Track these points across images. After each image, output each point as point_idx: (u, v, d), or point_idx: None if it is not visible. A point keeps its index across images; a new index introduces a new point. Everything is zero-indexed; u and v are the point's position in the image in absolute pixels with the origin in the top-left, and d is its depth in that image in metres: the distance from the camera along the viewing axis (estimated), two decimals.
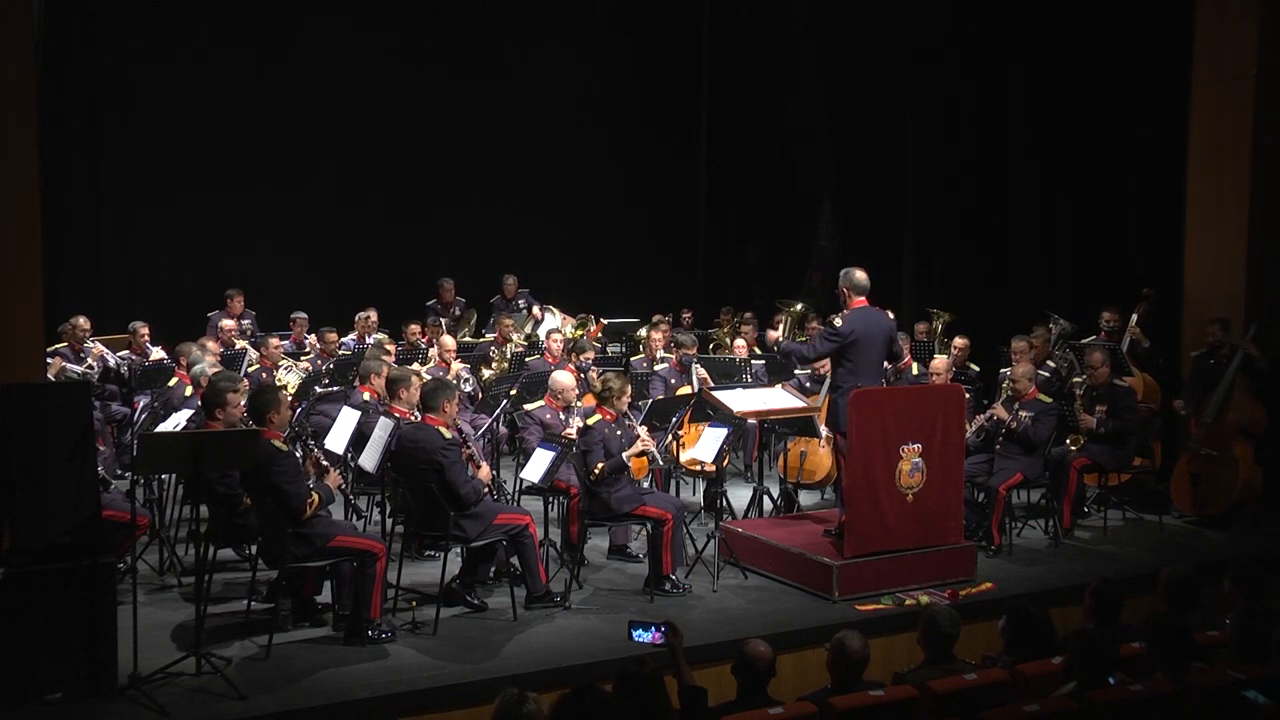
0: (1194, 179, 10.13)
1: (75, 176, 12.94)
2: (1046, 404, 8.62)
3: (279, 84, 13.74)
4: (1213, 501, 9.19)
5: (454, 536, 6.79)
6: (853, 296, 7.59)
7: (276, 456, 6.36)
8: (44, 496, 5.87)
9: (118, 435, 9.19)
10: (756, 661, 4.92)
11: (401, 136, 14.41)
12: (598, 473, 7.31)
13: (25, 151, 6.82)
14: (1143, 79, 10.96)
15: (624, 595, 7.38)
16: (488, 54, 14.72)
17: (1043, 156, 12.05)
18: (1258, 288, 9.71)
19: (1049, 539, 8.65)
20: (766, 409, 8.27)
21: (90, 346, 10.42)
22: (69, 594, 5.79)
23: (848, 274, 7.66)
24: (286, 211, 13.72)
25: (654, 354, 10.83)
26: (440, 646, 6.46)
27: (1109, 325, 9.97)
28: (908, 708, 4.78)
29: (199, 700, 5.70)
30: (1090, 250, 11.58)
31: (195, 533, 7.78)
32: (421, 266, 14.08)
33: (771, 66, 15.10)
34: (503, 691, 3.79)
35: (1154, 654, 5.00)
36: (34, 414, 5.92)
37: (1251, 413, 9.19)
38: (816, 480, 9.35)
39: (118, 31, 13.04)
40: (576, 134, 15.19)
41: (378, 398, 8.27)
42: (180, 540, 7.99)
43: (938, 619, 5.30)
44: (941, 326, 11.63)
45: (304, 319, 12.02)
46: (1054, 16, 11.63)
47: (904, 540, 7.45)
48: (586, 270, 15.05)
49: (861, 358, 7.49)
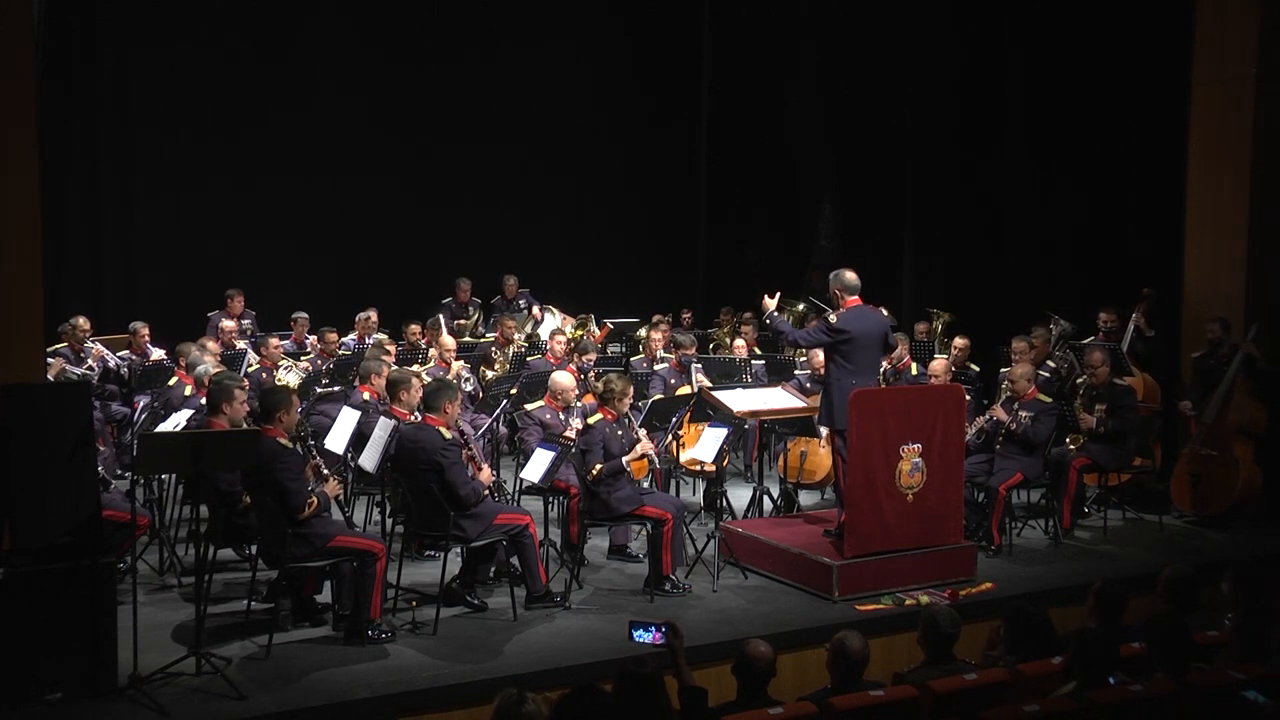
0: (1194, 179, 10.13)
1: (75, 176, 12.94)
2: (1046, 404, 8.62)
3: (279, 84, 13.73)
4: (1213, 501, 9.19)
5: (454, 536, 6.79)
6: (845, 297, 7.61)
7: (281, 453, 6.37)
8: (44, 496, 5.87)
9: (118, 435, 9.19)
10: (757, 661, 4.91)
11: (402, 137, 14.39)
12: (595, 473, 7.31)
13: (25, 151, 6.82)
14: (1143, 79, 10.96)
15: (624, 595, 7.38)
16: (488, 54, 14.72)
17: (1043, 156, 12.04)
18: (1258, 288, 9.71)
19: (1049, 539, 8.65)
20: (766, 409, 8.27)
21: (90, 347, 10.42)
22: (69, 594, 5.79)
23: (838, 276, 7.69)
24: (287, 211, 13.72)
25: (654, 354, 10.83)
26: (440, 646, 6.46)
27: (1107, 326, 9.97)
28: (908, 708, 4.78)
29: (199, 700, 5.70)
30: (1090, 250, 11.58)
31: (195, 533, 7.78)
32: (422, 267, 14.09)
33: (771, 66, 15.10)
34: (502, 691, 3.79)
35: (1154, 654, 5.00)
36: (34, 414, 5.93)
37: (1252, 413, 9.19)
38: (816, 480, 9.35)
39: (118, 31, 13.05)
40: (577, 134, 15.18)
41: (378, 398, 8.28)
42: (180, 540, 7.99)
43: (938, 619, 5.30)
44: (941, 326, 11.63)
45: (304, 319, 12.02)
46: (1054, 16, 11.62)
47: (904, 540, 7.45)
48: (587, 270, 15.04)
49: (860, 356, 7.51)
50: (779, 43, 15.00)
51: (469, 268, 13.86)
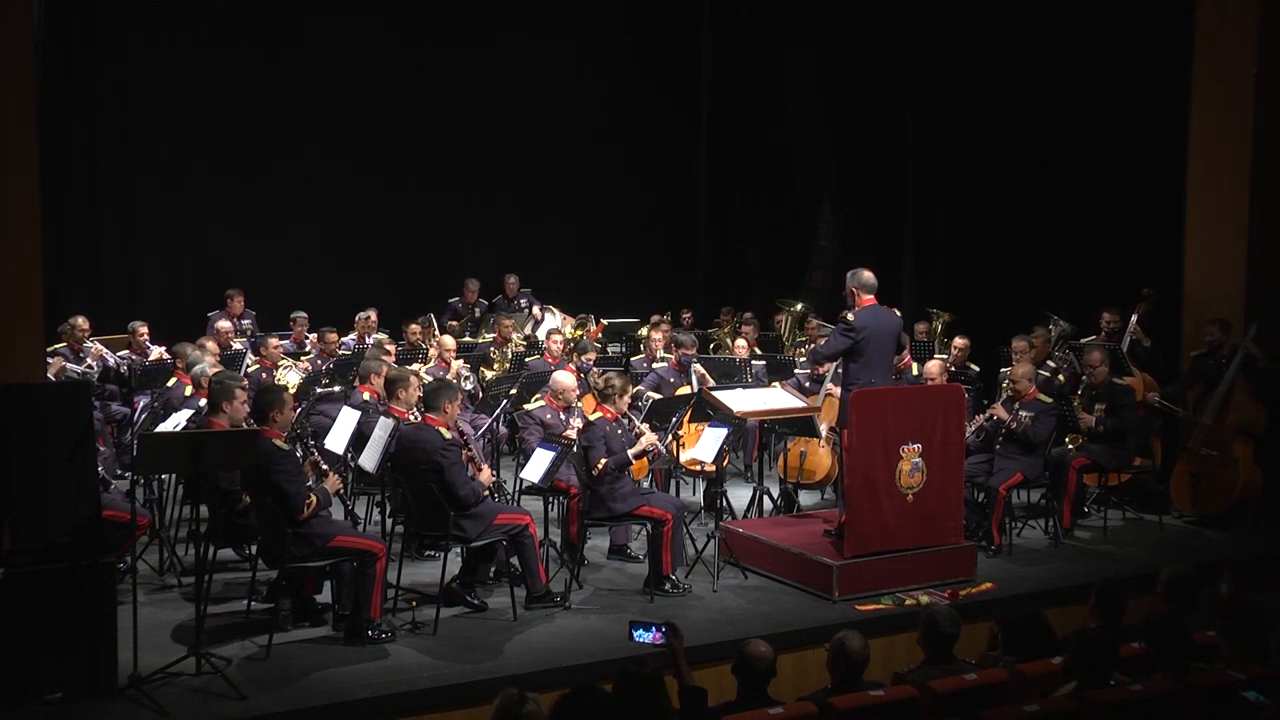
0: (1194, 179, 10.13)
1: (75, 176, 12.94)
2: (1046, 404, 8.62)
3: (279, 84, 13.72)
4: (1213, 501, 9.18)
5: (454, 536, 6.79)
6: (861, 295, 7.63)
7: (278, 455, 6.36)
8: (44, 496, 5.87)
9: (118, 435, 9.18)
10: (757, 661, 4.92)
11: (403, 137, 14.38)
12: (600, 468, 7.31)
13: (25, 151, 6.82)
14: (1143, 79, 10.95)
15: (624, 595, 7.38)
16: (489, 54, 14.71)
17: (1043, 156, 12.04)
18: (1258, 288, 9.70)
19: (1049, 539, 8.64)
20: (766, 409, 8.27)
21: (89, 346, 10.40)
22: (69, 594, 5.79)
23: (856, 274, 7.71)
24: (287, 211, 13.72)
25: (654, 354, 10.83)
26: (440, 646, 6.46)
27: (1109, 326, 9.97)
28: (908, 708, 4.78)
29: (199, 700, 5.70)
30: (1090, 250, 11.58)
31: (195, 533, 7.77)
32: (422, 266, 14.08)
33: (772, 67, 15.09)
34: (502, 691, 3.79)
35: (1154, 654, 5.00)
36: (34, 414, 5.93)
37: (1252, 413, 9.18)
38: (816, 480, 9.34)
39: (118, 31, 13.03)
40: (577, 134, 15.18)
41: (378, 398, 8.27)
42: (180, 540, 7.99)
43: (938, 619, 5.30)
44: (941, 326, 11.63)
45: (304, 319, 12.02)
46: (1054, 16, 11.62)
47: (904, 540, 7.45)
48: (587, 270, 15.04)
49: (874, 354, 7.53)
50: (779, 43, 15.00)
51: (469, 268, 13.86)
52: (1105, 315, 10.01)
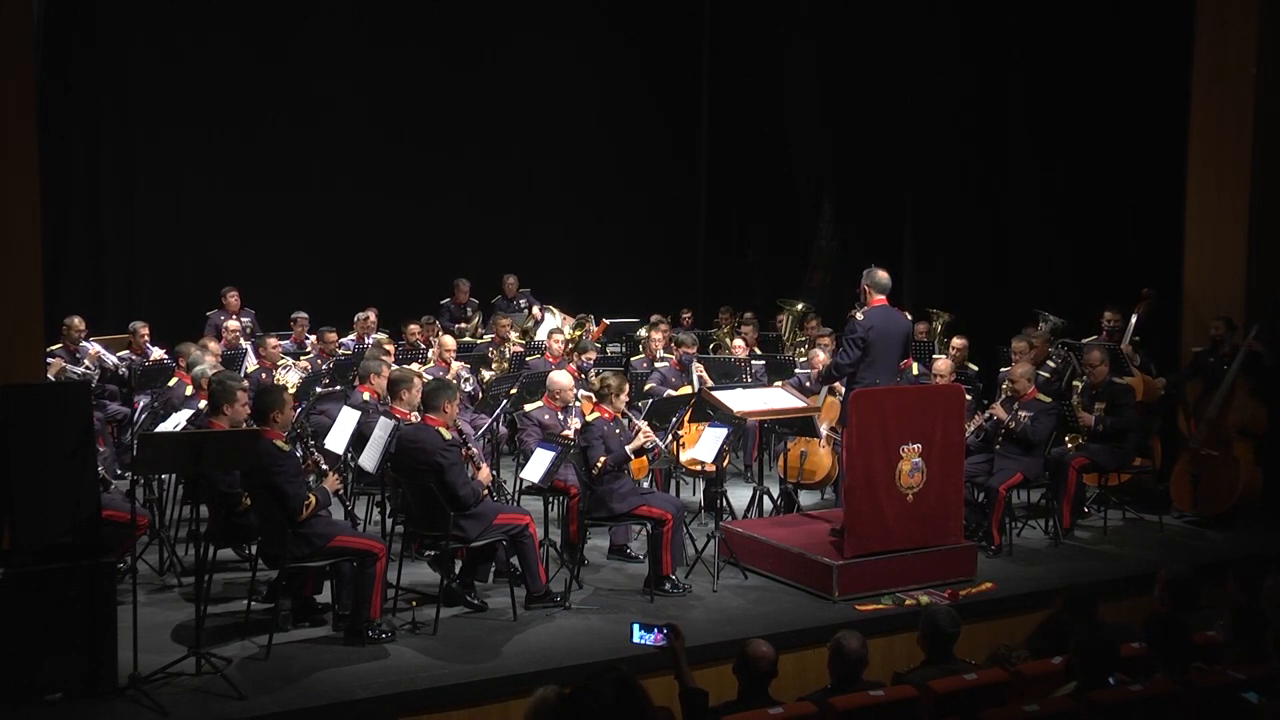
0: (1194, 179, 10.12)
1: (75, 176, 12.94)
2: (1046, 404, 8.62)
3: (280, 84, 13.73)
4: (1213, 501, 9.18)
5: (454, 537, 6.79)
6: (873, 294, 7.65)
7: (278, 456, 6.36)
8: (44, 496, 5.87)
9: (118, 435, 9.18)
10: (758, 661, 4.92)
11: (403, 137, 14.40)
12: (600, 466, 7.31)
13: (25, 151, 6.82)
14: (1143, 79, 10.95)
15: (624, 595, 7.38)
16: (489, 55, 14.71)
17: (1043, 156, 12.04)
18: (1258, 288, 9.70)
19: (1049, 539, 8.64)
20: (766, 409, 8.27)
21: (86, 347, 10.38)
22: (69, 594, 5.78)
23: (870, 273, 7.74)
24: (287, 211, 13.72)
25: (654, 354, 10.83)
26: (440, 646, 6.46)
27: (1111, 325, 9.97)
28: (908, 708, 4.78)
29: (199, 700, 5.70)
30: (1090, 250, 11.57)
31: (195, 533, 7.77)
32: (422, 266, 14.07)
33: (772, 66, 15.10)
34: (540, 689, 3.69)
35: (1154, 654, 5.01)
36: (34, 414, 5.93)
37: (1252, 413, 9.18)
38: (816, 480, 9.34)
39: (118, 31, 13.04)
40: (577, 135, 15.19)
41: (378, 398, 8.28)
42: (180, 540, 7.98)
43: (938, 619, 5.30)
44: (941, 326, 11.63)
45: (304, 319, 12.01)
46: (1054, 16, 11.62)
47: (904, 540, 7.44)
48: (587, 270, 15.05)
49: (879, 354, 7.56)
50: (779, 42, 15.00)
51: (469, 268, 13.86)
52: (1107, 314, 10.01)
